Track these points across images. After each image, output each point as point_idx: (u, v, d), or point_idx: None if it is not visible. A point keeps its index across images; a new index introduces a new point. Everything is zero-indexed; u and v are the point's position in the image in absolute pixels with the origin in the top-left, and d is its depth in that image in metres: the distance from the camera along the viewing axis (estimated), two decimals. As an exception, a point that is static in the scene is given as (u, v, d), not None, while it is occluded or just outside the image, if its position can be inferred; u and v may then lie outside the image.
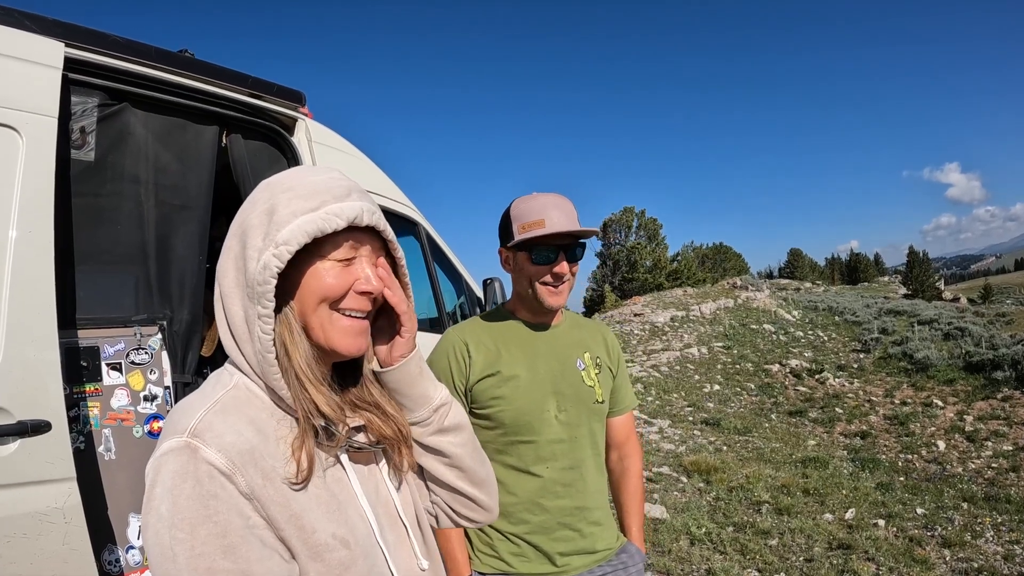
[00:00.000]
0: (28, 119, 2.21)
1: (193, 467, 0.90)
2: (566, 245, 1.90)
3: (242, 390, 1.02)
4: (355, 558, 1.02)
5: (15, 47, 2.23)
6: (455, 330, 2.03)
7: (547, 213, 1.87)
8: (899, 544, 5.71)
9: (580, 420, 1.97)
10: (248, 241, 0.98)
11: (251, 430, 0.97)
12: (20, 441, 2.06)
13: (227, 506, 0.90)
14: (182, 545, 0.87)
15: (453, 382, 1.92)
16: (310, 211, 0.98)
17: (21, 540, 2.04)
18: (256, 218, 0.99)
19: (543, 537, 1.91)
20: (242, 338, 1.00)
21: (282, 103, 3.29)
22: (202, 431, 0.93)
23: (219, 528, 0.89)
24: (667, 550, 5.32)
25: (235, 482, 0.91)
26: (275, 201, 0.99)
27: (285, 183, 1.02)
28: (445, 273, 4.85)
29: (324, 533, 0.98)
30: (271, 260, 0.95)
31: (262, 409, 1.01)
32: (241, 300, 0.99)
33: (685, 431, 10.73)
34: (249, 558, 0.90)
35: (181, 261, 2.87)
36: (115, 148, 2.70)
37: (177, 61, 2.81)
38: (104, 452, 2.54)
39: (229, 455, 0.92)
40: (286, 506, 0.95)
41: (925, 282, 64.75)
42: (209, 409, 0.96)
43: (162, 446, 0.93)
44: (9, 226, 2.13)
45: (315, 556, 0.97)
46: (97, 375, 2.57)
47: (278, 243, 0.96)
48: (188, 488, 0.89)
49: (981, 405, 11.46)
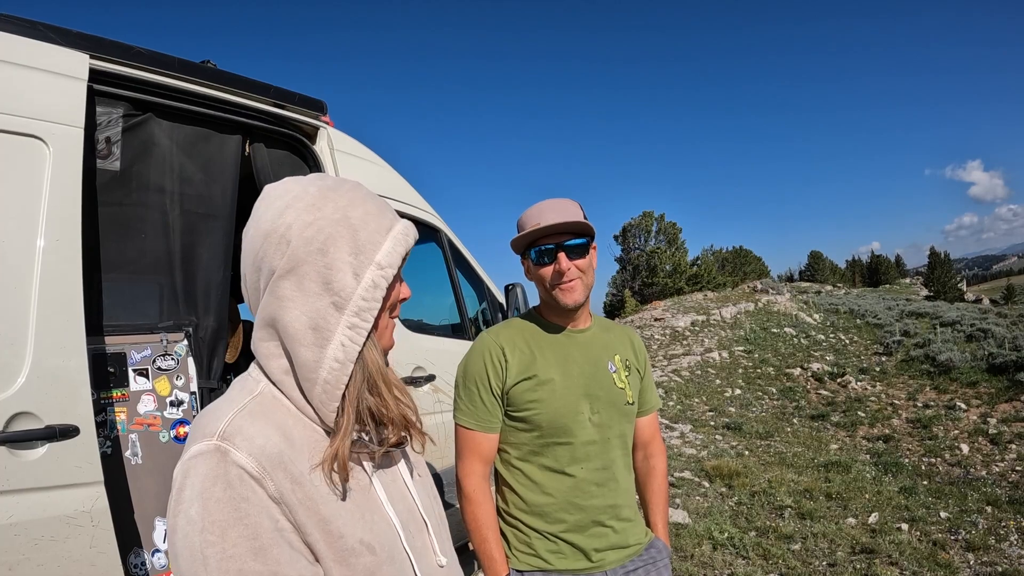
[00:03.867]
0: (55, 130, 2.25)
1: (223, 470, 0.91)
2: (562, 243, 1.92)
3: (267, 397, 1.03)
4: (380, 563, 1.02)
5: (41, 59, 2.27)
6: (489, 334, 2.04)
7: (543, 216, 1.91)
8: (923, 548, 5.65)
9: (612, 421, 2.00)
10: (330, 250, 0.99)
11: (278, 435, 0.98)
12: (49, 445, 2.09)
13: (257, 509, 0.91)
14: (213, 548, 0.88)
15: (490, 385, 1.94)
16: (388, 229, 1.05)
17: (49, 543, 2.06)
18: (332, 227, 1.01)
19: (579, 535, 1.94)
20: (303, 343, 1.00)
21: (304, 112, 3.33)
22: (232, 434, 0.94)
23: (250, 531, 0.90)
24: (689, 555, 5.29)
25: (264, 486, 0.92)
26: (348, 213, 1.02)
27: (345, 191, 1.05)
28: (467, 279, 4.88)
29: (352, 538, 0.99)
30: (379, 281, 1.02)
31: (288, 416, 1.02)
32: (311, 306, 0.99)
33: (707, 436, 10.68)
34: (279, 560, 0.91)
35: (206, 269, 2.91)
36: (140, 158, 2.75)
37: (200, 72, 2.85)
38: (131, 457, 2.57)
39: (259, 459, 0.93)
40: (314, 511, 0.96)
41: (947, 283, 64.04)
42: (238, 413, 0.98)
43: (191, 449, 0.94)
44: (38, 235, 2.16)
45: (341, 561, 0.98)
46: (124, 381, 2.61)
47: (382, 265, 1.02)
48: (219, 491, 0.90)
49: (1005, 407, 11.29)
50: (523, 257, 2.02)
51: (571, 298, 1.94)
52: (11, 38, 2.22)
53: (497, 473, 2.05)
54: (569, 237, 1.92)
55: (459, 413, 1.99)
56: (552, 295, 1.95)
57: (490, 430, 1.96)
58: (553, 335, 2.03)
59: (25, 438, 2.04)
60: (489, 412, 1.95)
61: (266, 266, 1.01)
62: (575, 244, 1.93)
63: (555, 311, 2.03)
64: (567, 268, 1.91)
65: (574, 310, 2.00)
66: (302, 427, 1.02)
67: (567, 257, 1.91)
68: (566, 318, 2.04)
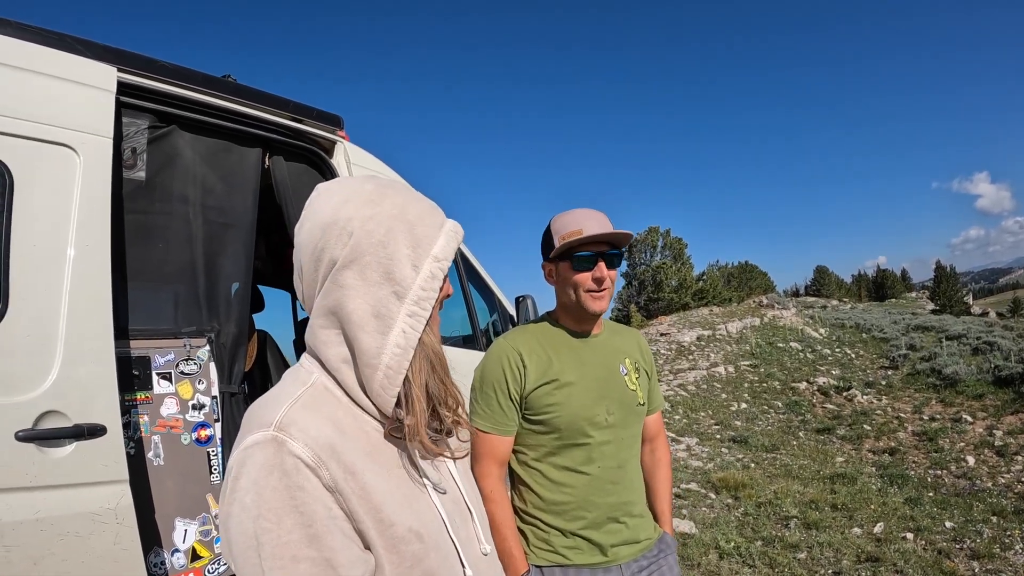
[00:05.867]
0: (85, 139, 2.32)
1: (279, 460, 0.94)
2: (603, 252, 2.00)
3: (320, 388, 1.07)
4: (428, 550, 1.05)
5: (72, 71, 2.35)
6: (506, 340, 2.10)
7: (584, 223, 1.99)
8: (927, 556, 5.67)
9: (626, 422, 2.08)
10: (390, 242, 1.05)
11: (331, 426, 1.01)
12: (76, 444, 2.14)
13: (312, 497, 0.94)
14: (268, 535, 0.90)
15: (508, 390, 2.00)
16: (441, 225, 1.12)
17: (74, 539, 2.10)
18: (391, 221, 1.06)
19: (595, 531, 2.01)
20: (366, 329, 1.03)
21: (322, 127, 3.41)
22: (287, 425, 0.97)
23: (305, 518, 0.92)
24: (696, 563, 5.33)
25: (319, 475, 0.95)
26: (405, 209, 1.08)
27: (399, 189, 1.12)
28: (478, 291, 4.94)
29: (402, 527, 1.02)
30: (436, 272, 1.08)
31: (339, 407, 1.06)
32: (373, 295, 1.04)
33: (713, 449, 10.70)
34: (333, 547, 0.93)
35: (228, 278, 2.98)
36: (164, 169, 2.82)
37: (222, 86, 2.94)
38: (153, 458, 2.63)
39: (314, 449, 0.96)
40: (367, 499, 0.99)
41: (953, 296, 63.79)
42: (292, 404, 1.01)
43: (247, 439, 0.97)
44: (69, 241, 2.23)
45: (391, 548, 1.01)
46: (148, 384, 2.67)
47: (438, 258, 1.08)
48: (275, 480, 0.93)
49: (1011, 419, 11.27)
50: (552, 261, 2.08)
51: (600, 306, 2.03)
52: (45, 50, 2.29)
53: (514, 473, 2.12)
54: (608, 247, 2.01)
55: (476, 417, 2.04)
56: (582, 301, 2.02)
57: (506, 433, 2.03)
58: (568, 340, 2.11)
59: (54, 436, 2.10)
60: (506, 416, 2.01)
61: (327, 256, 1.05)
62: (614, 254, 2.03)
63: (575, 317, 2.10)
64: (605, 276, 2.00)
65: (596, 316, 2.08)
66: (353, 418, 1.06)
67: (606, 266, 2.00)
68: (584, 324, 2.12)
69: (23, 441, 2.03)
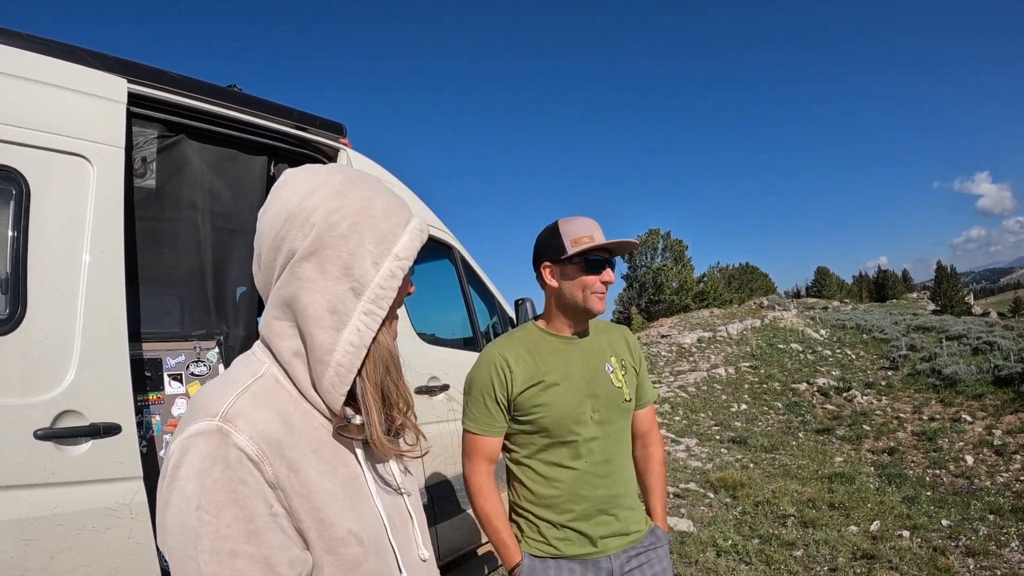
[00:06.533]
0: (99, 150, 2.39)
1: (223, 452, 0.91)
2: (612, 258, 2.18)
3: (270, 379, 1.04)
4: (367, 555, 1.03)
5: (85, 83, 2.42)
6: (493, 347, 2.22)
7: (594, 231, 2.13)
8: (923, 554, 5.75)
9: (612, 418, 2.18)
10: (354, 237, 1.02)
11: (278, 420, 0.98)
12: (92, 442, 2.21)
13: (254, 492, 0.91)
14: (207, 527, 0.88)
15: (495, 395, 2.13)
16: (406, 223, 1.08)
17: (90, 533, 2.16)
18: (356, 215, 1.03)
19: (585, 523, 2.12)
20: (320, 324, 1.01)
21: (325, 134, 3.48)
22: (234, 416, 0.94)
23: (245, 513, 0.90)
24: (694, 561, 5.41)
25: (262, 470, 0.93)
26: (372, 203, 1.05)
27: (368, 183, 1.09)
28: (478, 294, 5.01)
29: (341, 528, 1.00)
30: (396, 271, 1.04)
31: (288, 401, 1.03)
32: (330, 289, 1.01)
33: (712, 449, 10.76)
34: (271, 544, 0.91)
35: (235, 282, 3.05)
36: (173, 177, 2.90)
37: (228, 96, 3.01)
38: (165, 456, 2.70)
39: (259, 443, 0.93)
40: (308, 498, 0.97)
41: (954, 297, 63.75)
42: (240, 394, 0.98)
43: (190, 427, 0.94)
44: (84, 250, 2.30)
45: (330, 550, 0.99)
46: (160, 385, 2.75)
47: (400, 256, 1.05)
48: (217, 472, 0.90)
49: (1010, 419, 11.32)
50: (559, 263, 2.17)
51: (602, 307, 2.17)
52: (57, 63, 2.36)
53: (508, 470, 2.25)
54: (609, 254, 2.17)
55: (466, 419, 2.20)
56: (588, 301, 2.14)
57: (494, 434, 2.16)
58: (554, 343, 2.22)
59: (71, 434, 2.17)
60: (493, 418, 2.15)
61: (287, 246, 1.02)
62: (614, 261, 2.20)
63: (575, 317, 2.21)
64: (613, 280, 2.16)
65: (593, 317, 2.22)
66: (301, 413, 1.03)
67: (612, 271, 2.16)
68: (580, 324, 2.24)
69: (41, 439, 2.09)
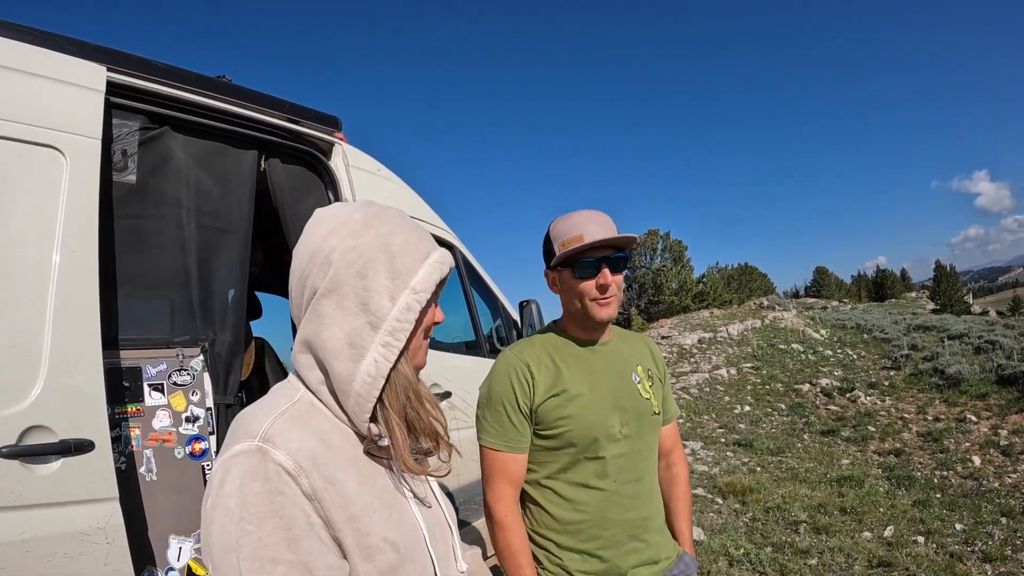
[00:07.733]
0: (72, 140, 2.23)
1: (263, 468, 0.97)
2: (607, 256, 1.88)
3: (306, 404, 1.10)
4: (403, 561, 1.08)
5: (58, 70, 2.27)
6: (513, 351, 1.99)
7: (585, 228, 1.87)
8: (940, 560, 5.59)
9: (641, 432, 1.96)
10: (369, 273, 1.07)
11: (314, 439, 1.04)
12: (63, 460, 2.05)
13: (292, 503, 0.97)
14: (249, 537, 0.93)
15: (517, 404, 1.89)
16: (424, 257, 1.13)
17: (62, 560, 2.01)
18: (372, 252, 1.08)
19: (615, 551, 1.89)
20: (339, 357, 1.06)
21: (319, 128, 3.33)
22: (272, 436, 1.01)
23: (284, 522, 0.95)
24: (706, 571, 5.24)
25: (299, 483, 0.99)
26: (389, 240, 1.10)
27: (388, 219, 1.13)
28: (481, 296, 4.85)
29: (376, 536, 1.05)
30: (413, 304, 1.09)
31: (325, 422, 1.09)
32: (349, 324, 1.07)
33: (718, 452, 10.60)
34: (310, 551, 0.97)
35: (223, 284, 2.88)
36: (156, 171, 2.73)
37: (216, 86, 2.85)
38: (145, 473, 2.53)
39: (296, 458, 1.00)
40: (345, 508, 1.02)
41: (953, 296, 63.94)
42: (278, 417, 1.04)
43: (232, 448, 1.01)
44: (54, 246, 2.14)
45: (367, 557, 1.03)
46: (139, 396, 2.56)
47: (416, 289, 1.10)
48: (258, 486, 0.96)
49: (1015, 418, 11.17)
50: (555, 269, 1.96)
51: (607, 313, 1.91)
52: (29, 48, 2.22)
53: (523, 493, 1.99)
54: (611, 251, 1.89)
55: (485, 435, 1.93)
56: (588, 309, 1.90)
57: (519, 450, 1.91)
58: (576, 349, 1.99)
59: (39, 452, 2.01)
60: (518, 432, 1.90)
61: (310, 284, 1.09)
62: (617, 258, 1.90)
63: (583, 325, 1.99)
64: (610, 283, 1.88)
65: (605, 324, 1.97)
66: (340, 432, 1.09)
67: (610, 272, 1.88)
68: (593, 332, 2.00)
69: (7, 458, 1.94)
